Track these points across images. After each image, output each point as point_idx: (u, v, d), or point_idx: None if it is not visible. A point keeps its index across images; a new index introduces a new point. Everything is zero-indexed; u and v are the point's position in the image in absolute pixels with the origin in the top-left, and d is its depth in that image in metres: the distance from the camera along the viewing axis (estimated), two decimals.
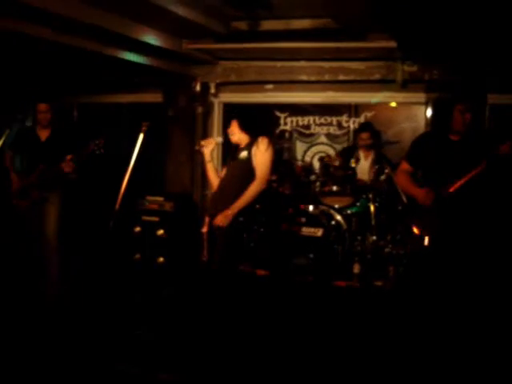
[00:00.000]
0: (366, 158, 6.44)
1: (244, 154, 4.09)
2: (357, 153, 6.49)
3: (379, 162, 6.15)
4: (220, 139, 4.39)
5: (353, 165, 6.29)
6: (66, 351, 3.91)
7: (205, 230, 4.14)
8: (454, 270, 4.01)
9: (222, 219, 3.97)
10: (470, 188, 3.96)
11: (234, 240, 3.93)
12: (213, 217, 4.08)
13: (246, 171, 4.07)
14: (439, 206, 4.05)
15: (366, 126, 6.60)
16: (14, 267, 5.09)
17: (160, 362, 3.80)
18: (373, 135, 6.40)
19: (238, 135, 4.19)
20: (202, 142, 4.33)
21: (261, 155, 4.04)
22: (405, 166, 4.39)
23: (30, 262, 5.03)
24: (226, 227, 3.93)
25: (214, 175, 4.32)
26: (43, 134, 5.07)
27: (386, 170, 5.88)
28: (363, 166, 6.38)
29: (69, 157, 4.77)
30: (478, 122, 4.35)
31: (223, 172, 4.37)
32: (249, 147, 4.09)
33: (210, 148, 4.26)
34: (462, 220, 4.03)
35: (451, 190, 4.00)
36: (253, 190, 4.02)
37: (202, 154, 4.33)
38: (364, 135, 6.40)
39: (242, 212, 3.97)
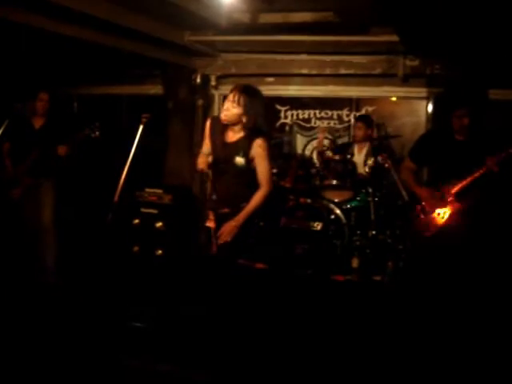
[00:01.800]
0: (359, 151, 6.38)
1: (240, 160, 3.64)
2: (352, 148, 6.46)
3: (375, 154, 6.09)
4: (206, 149, 3.78)
5: None
6: (63, 342, 3.90)
7: (211, 224, 3.89)
8: (453, 266, 4.01)
9: (226, 235, 3.66)
10: (474, 188, 3.96)
11: (237, 236, 3.79)
12: (218, 215, 3.89)
13: (245, 176, 3.72)
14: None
15: (361, 118, 6.57)
16: (10, 256, 5.08)
17: (159, 354, 3.80)
18: (367, 127, 6.34)
19: (236, 116, 3.66)
20: (201, 165, 3.73)
21: (262, 161, 3.65)
22: (408, 163, 4.39)
23: (27, 251, 5.03)
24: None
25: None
26: (37, 123, 5.08)
27: (387, 165, 5.86)
28: (356, 160, 6.33)
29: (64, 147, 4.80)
30: (481, 120, 4.35)
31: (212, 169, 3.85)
32: (244, 151, 3.65)
33: (208, 160, 3.73)
34: (465, 218, 4.03)
35: (454, 190, 4.00)
36: (260, 197, 3.68)
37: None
38: (359, 124, 6.36)
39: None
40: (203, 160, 3.74)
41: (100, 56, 6.48)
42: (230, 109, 3.66)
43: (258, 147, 3.64)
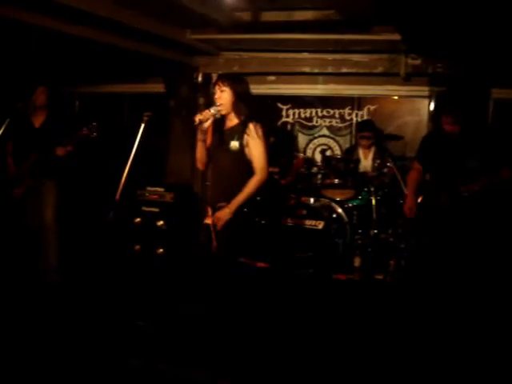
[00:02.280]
0: (365, 157, 6.40)
1: (235, 144, 3.74)
2: (357, 153, 6.46)
3: (381, 156, 6.12)
4: (215, 108, 3.79)
5: None
6: (64, 341, 3.90)
7: (209, 221, 3.95)
8: (453, 265, 4.01)
9: (221, 220, 3.71)
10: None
11: (237, 231, 3.82)
12: (215, 209, 3.95)
13: (240, 161, 3.78)
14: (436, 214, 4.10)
15: (365, 125, 6.53)
16: (12, 255, 5.08)
17: (160, 353, 3.80)
18: (373, 134, 6.35)
19: (228, 99, 3.80)
20: (200, 117, 3.74)
21: (256, 145, 3.73)
22: (416, 165, 4.49)
23: (29, 250, 5.02)
24: (228, 221, 3.82)
25: (204, 153, 3.92)
26: (37, 121, 5.04)
27: (389, 164, 5.86)
28: (364, 164, 6.34)
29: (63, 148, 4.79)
30: (482, 116, 4.38)
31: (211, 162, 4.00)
32: (238, 135, 3.77)
33: (209, 122, 3.78)
34: (465, 220, 4.03)
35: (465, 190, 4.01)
36: (253, 184, 3.73)
37: (198, 132, 3.83)
38: (365, 134, 6.34)
39: (247, 204, 3.83)
40: (206, 114, 3.77)
41: (101, 54, 6.48)
42: (222, 96, 3.83)
43: (252, 131, 3.75)
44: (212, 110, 3.79)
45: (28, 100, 4.99)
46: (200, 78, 7.17)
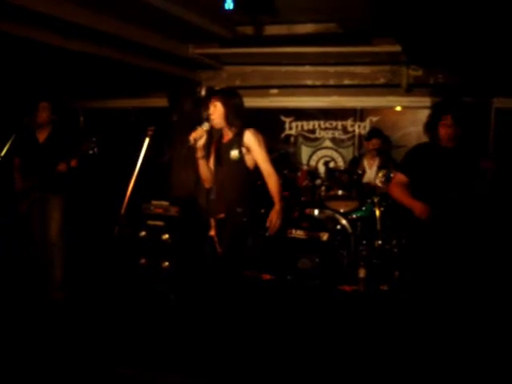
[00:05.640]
0: (370, 167, 6.42)
1: (235, 153, 3.85)
2: (362, 163, 6.48)
3: (385, 166, 6.13)
4: (207, 125, 3.89)
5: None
6: (69, 354, 3.91)
7: (213, 233, 4.03)
8: (451, 275, 3.96)
9: (275, 221, 3.75)
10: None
11: (241, 243, 3.86)
12: (216, 222, 4.01)
13: (239, 172, 3.89)
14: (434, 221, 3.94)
15: (375, 133, 6.55)
16: (17, 270, 5.09)
17: (162, 364, 3.81)
18: (383, 141, 6.38)
19: (220, 117, 3.91)
20: (194, 135, 3.86)
21: (258, 149, 3.82)
22: (400, 177, 4.18)
23: (34, 265, 5.04)
24: (233, 226, 3.86)
25: (207, 170, 4.05)
26: (42, 136, 5.06)
27: (392, 175, 5.86)
28: (369, 175, 6.36)
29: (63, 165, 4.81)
30: (484, 126, 4.33)
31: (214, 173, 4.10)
32: (237, 145, 3.86)
33: (203, 139, 3.89)
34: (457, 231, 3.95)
35: None
36: (274, 189, 3.80)
37: (194, 151, 3.95)
38: (374, 141, 6.36)
39: (247, 214, 3.92)
40: (199, 132, 3.88)
41: (105, 70, 6.53)
42: (214, 113, 3.93)
43: (250, 137, 3.84)
44: (204, 127, 3.89)
45: (34, 115, 5.02)
46: (203, 92, 7.22)
